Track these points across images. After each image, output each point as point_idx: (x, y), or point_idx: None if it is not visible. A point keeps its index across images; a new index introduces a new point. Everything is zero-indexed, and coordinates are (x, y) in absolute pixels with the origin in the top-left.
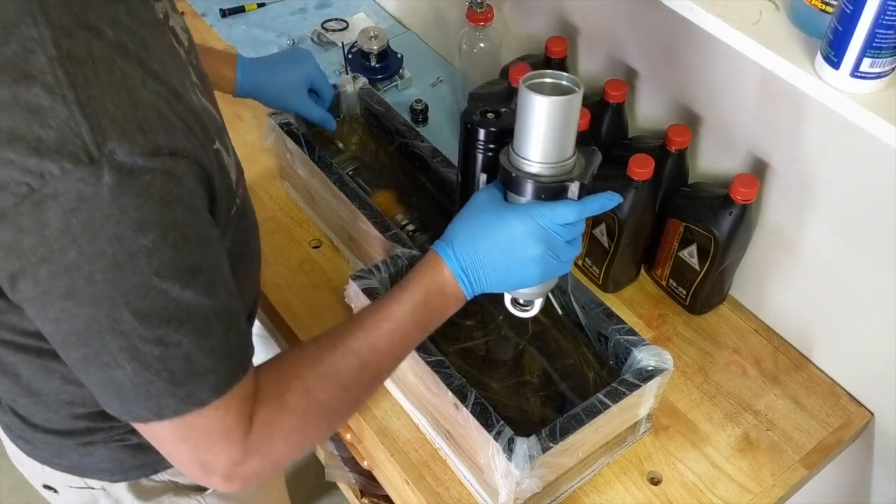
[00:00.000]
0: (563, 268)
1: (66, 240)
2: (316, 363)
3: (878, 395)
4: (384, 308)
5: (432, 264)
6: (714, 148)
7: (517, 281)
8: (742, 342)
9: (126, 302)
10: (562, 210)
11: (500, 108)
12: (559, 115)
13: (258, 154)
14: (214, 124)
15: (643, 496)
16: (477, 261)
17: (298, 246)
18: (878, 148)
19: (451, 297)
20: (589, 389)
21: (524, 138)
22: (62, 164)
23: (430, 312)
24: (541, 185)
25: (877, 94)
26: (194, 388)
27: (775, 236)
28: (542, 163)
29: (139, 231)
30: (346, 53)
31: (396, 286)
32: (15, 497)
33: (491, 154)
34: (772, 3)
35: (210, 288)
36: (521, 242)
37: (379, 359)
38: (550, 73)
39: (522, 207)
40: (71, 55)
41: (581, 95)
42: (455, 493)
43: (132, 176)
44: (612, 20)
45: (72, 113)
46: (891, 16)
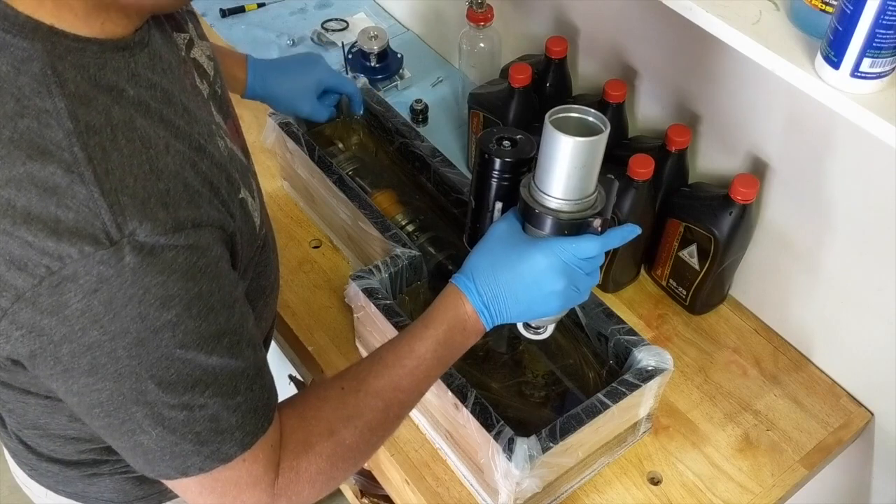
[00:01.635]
0: (581, 298)
1: (88, 320)
2: (340, 406)
3: (878, 395)
4: (406, 345)
5: (454, 299)
6: (714, 148)
7: (538, 312)
8: (742, 342)
9: (151, 375)
10: (585, 245)
11: (516, 136)
12: (585, 155)
13: (258, 154)
14: (241, 169)
15: (643, 496)
16: (499, 294)
17: (298, 246)
18: (878, 148)
19: (472, 332)
20: (589, 389)
21: (548, 174)
22: (81, 247)
23: (452, 348)
24: (564, 222)
25: (877, 94)
26: (220, 446)
27: (775, 236)
28: (565, 199)
29: (163, 307)
30: (346, 53)
31: (418, 321)
32: (14, 497)
33: (507, 183)
34: (772, 3)
35: (235, 348)
36: (544, 277)
37: (402, 398)
38: (576, 108)
39: (545, 242)
40: (89, 126)
41: (607, 135)
42: (455, 493)
43: (154, 254)
44: (612, 20)
45: (90, 193)
46: (891, 16)
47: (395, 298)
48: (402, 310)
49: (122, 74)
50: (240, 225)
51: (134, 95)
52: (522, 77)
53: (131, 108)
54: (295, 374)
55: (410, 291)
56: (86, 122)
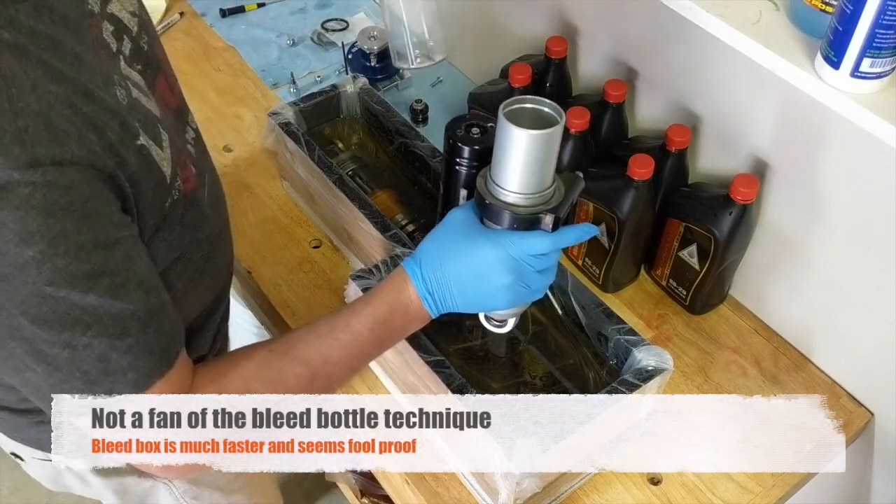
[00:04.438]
0: (534, 295)
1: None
2: (263, 366)
3: (878, 395)
4: (343, 319)
5: (399, 282)
6: (714, 148)
7: (486, 305)
8: (742, 342)
9: (22, 311)
10: (534, 241)
11: (486, 124)
12: (538, 148)
13: (258, 154)
14: (144, 118)
15: (643, 496)
16: (444, 283)
17: (298, 246)
18: (878, 148)
19: (416, 317)
20: (589, 389)
21: (501, 167)
22: None
23: (392, 330)
24: (514, 216)
25: (877, 94)
26: (112, 386)
27: (775, 236)
28: (518, 193)
29: (23, 244)
30: (346, 53)
31: (360, 298)
32: (15, 497)
33: (474, 171)
34: (772, 3)
35: (118, 290)
36: (490, 270)
37: (330, 370)
38: (531, 98)
39: (495, 235)
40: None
41: (562, 127)
42: (455, 493)
43: (8, 190)
44: (612, 20)
45: None
46: (891, 16)
47: None
48: None
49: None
50: (136, 171)
51: (9, 39)
52: (522, 77)
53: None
54: None
55: None
56: None
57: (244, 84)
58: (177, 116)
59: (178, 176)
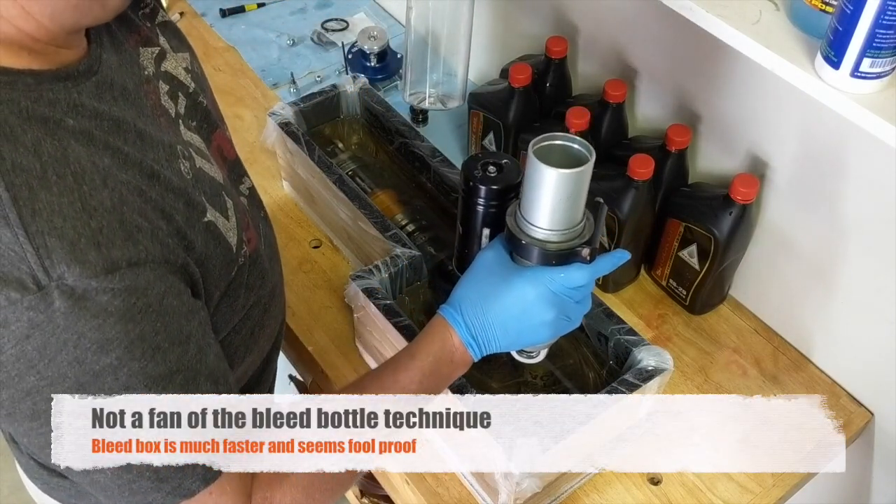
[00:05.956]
0: (573, 326)
1: (23, 366)
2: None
3: (878, 395)
4: (391, 376)
5: (441, 331)
6: (714, 148)
7: (528, 341)
8: (742, 342)
9: None
10: (574, 274)
11: (501, 161)
12: (571, 186)
13: (258, 154)
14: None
15: (643, 496)
16: (487, 326)
17: (298, 246)
18: (878, 148)
19: (460, 363)
20: (589, 389)
21: (533, 205)
22: (8, 294)
23: (438, 380)
24: (552, 253)
25: (877, 94)
26: (182, 481)
27: (775, 236)
28: (552, 230)
29: (101, 351)
30: (346, 53)
31: (404, 351)
32: (15, 497)
33: (493, 210)
34: (772, 3)
35: (189, 385)
36: (533, 308)
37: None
38: (560, 136)
39: (533, 273)
40: (15, 165)
41: (592, 164)
42: (455, 493)
43: (86, 298)
44: (612, 20)
45: (15, 236)
46: (891, 16)
47: (395, 298)
48: (402, 310)
49: (59, 106)
50: (203, 250)
51: (74, 125)
52: (522, 77)
53: (70, 139)
54: (295, 374)
55: (410, 291)
56: (11, 160)
57: (244, 84)
58: (232, 168)
59: (243, 242)
